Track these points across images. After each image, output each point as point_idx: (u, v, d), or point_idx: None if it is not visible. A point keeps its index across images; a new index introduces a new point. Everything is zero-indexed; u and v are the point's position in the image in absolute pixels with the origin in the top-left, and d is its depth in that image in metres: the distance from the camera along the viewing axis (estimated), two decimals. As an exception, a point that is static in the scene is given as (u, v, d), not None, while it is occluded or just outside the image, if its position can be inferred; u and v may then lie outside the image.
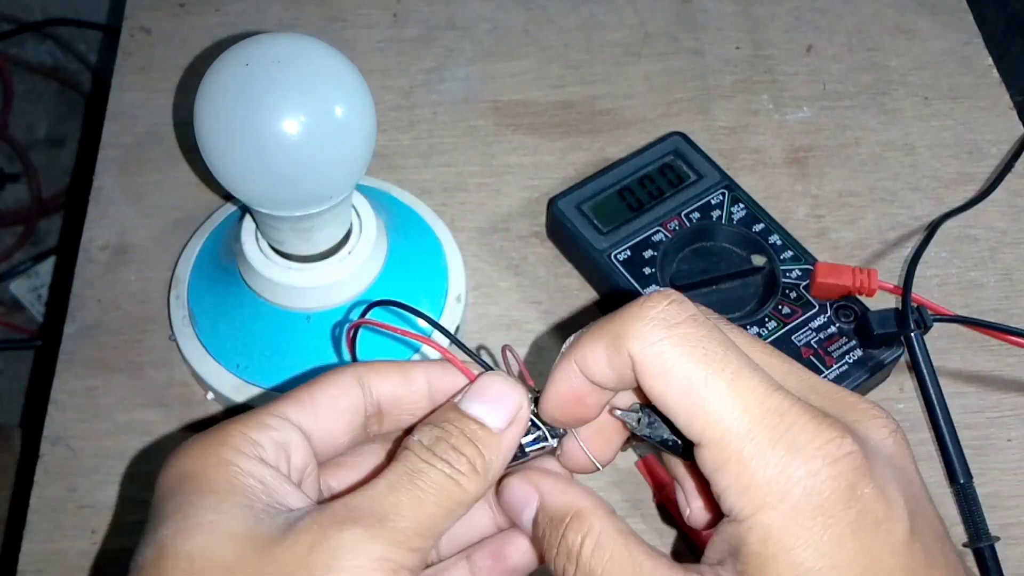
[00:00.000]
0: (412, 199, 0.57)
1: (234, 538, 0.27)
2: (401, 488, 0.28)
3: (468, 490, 0.29)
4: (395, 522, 0.27)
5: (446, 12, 0.66)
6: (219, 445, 0.29)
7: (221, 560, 0.26)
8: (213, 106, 0.41)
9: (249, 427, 0.29)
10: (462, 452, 0.29)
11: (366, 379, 0.32)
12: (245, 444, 0.29)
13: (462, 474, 0.29)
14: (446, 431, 0.30)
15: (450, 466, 0.29)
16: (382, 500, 0.28)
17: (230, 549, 0.26)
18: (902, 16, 0.67)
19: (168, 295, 0.53)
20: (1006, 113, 0.62)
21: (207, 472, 0.28)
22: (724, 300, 0.51)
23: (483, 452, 0.30)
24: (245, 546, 0.27)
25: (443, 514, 0.29)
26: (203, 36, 0.64)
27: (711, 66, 0.64)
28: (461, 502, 0.29)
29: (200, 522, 0.27)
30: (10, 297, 1.15)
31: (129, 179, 0.58)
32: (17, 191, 1.22)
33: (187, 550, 0.27)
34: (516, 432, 0.31)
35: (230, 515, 0.27)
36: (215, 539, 0.27)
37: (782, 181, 0.59)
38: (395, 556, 0.27)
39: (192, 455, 0.29)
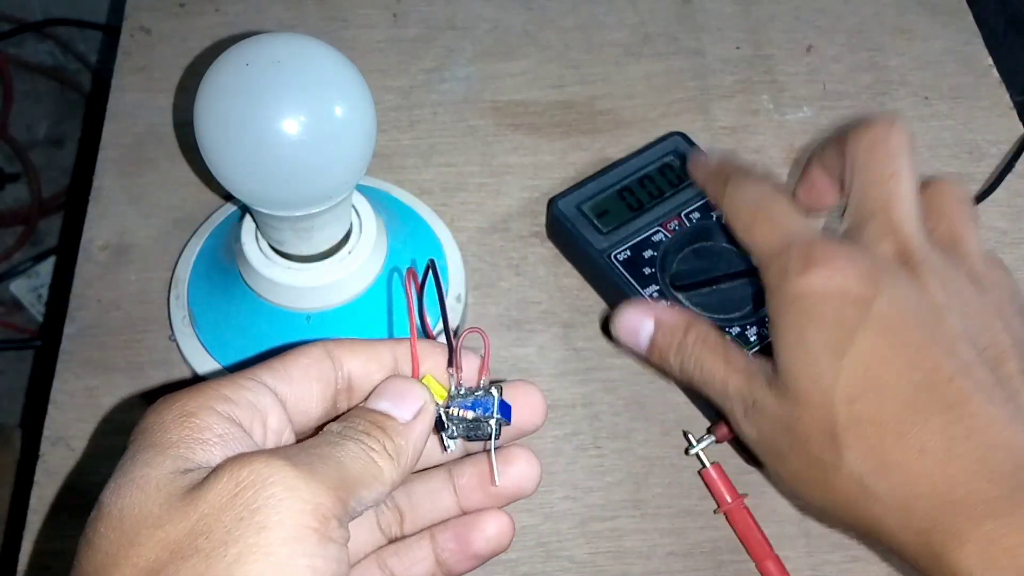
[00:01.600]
0: (412, 199, 0.57)
1: (162, 490, 0.26)
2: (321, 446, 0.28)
3: (382, 467, 0.29)
4: (323, 469, 0.27)
5: (446, 12, 0.66)
6: (188, 399, 0.29)
7: (150, 515, 0.26)
8: (213, 106, 0.41)
9: (223, 385, 0.29)
10: (371, 435, 0.30)
11: (335, 353, 0.32)
12: (216, 400, 0.29)
13: (375, 451, 0.29)
14: (354, 421, 0.30)
15: (363, 442, 0.29)
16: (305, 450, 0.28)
17: (158, 502, 0.26)
18: (902, 16, 0.67)
19: (168, 295, 0.53)
20: (1006, 113, 0.62)
21: (164, 424, 0.28)
22: (724, 300, 0.51)
23: (391, 437, 0.30)
24: (172, 496, 0.26)
25: (362, 481, 0.28)
26: (203, 36, 0.64)
27: (711, 66, 0.64)
28: (376, 477, 0.29)
29: (133, 478, 0.27)
30: (10, 297, 1.15)
31: (129, 179, 0.58)
32: (17, 191, 1.22)
33: (119, 507, 0.26)
34: (424, 424, 0.32)
35: (162, 467, 0.27)
36: (144, 494, 0.26)
37: (782, 181, 0.59)
38: (324, 500, 0.26)
39: (159, 409, 0.29)
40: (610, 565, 0.46)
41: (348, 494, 0.27)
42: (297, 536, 0.25)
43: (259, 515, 0.25)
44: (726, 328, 0.49)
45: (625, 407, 0.50)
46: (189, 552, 0.25)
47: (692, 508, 0.48)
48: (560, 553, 0.47)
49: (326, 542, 0.26)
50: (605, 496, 0.48)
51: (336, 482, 0.27)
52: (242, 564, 0.24)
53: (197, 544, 0.25)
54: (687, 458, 0.49)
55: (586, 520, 0.47)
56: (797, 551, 0.47)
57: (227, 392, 0.29)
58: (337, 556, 0.26)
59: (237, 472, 0.26)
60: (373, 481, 0.29)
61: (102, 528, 0.26)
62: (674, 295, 0.50)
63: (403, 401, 0.31)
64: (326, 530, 0.26)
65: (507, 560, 0.46)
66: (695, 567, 0.46)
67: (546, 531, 0.47)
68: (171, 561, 0.25)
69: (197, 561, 0.24)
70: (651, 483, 0.48)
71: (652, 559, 0.46)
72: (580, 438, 0.50)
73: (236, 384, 0.30)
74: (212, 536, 0.25)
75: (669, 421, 0.50)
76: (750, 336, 0.49)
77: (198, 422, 0.28)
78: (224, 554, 0.24)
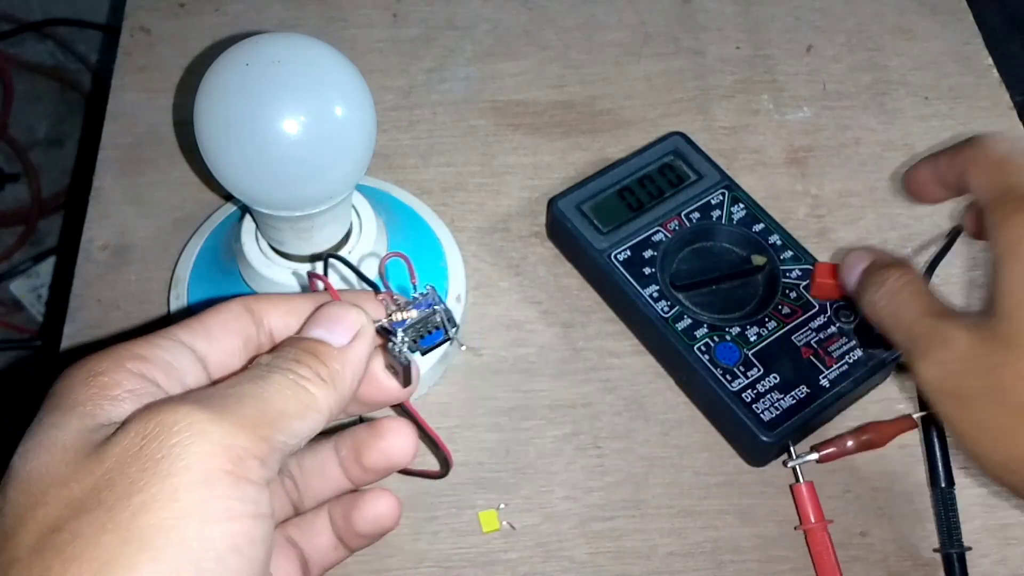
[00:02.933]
0: (412, 199, 0.57)
1: (68, 449, 0.25)
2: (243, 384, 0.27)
3: (315, 394, 0.28)
4: (237, 408, 0.26)
5: (446, 12, 0.66)
6: (99, 360, 0.28)
7: (57, 474, 0.25)
8: (213, 106, 0.41)
9: (136, 344, 0.29)
10: (302, 363, 0.29)
11: (255, 307, 0.32)
12: (127, 358, 0.28)
13: (306, 379, 0.28)
14: (284, 351, 0.29)
15: (293, 372, 0.28)
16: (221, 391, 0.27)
17: (65, 461, 0.25)
18: (902, 16, 0.67)
19: (168, 295, 0.53)
20: (1006, 113, 0.62)
21: (72, 386, 0.27)
22: (724, 300, 0.51)
23: (326, 363, 0.29)
24: (79, 454, 0.25)
25: (292, 412, 0.27)
26: (203, 36, 0.65)
27: (711, 66, 0.64)
28: (310, 406, 0.28)
29: (40, 440, 0.26)
30: (10, 297, 1.15)
31: (129, 179, 0.58)
32: (17, 191, 1.22)
33: (27, 471, 0.25)
34: (362, 347, 0.30)
35: (68, 428, 0.26)
36: (51, 455, 0.25)
37: (782, 181, 0.59)
38: (241, 441, 0.25)
39: (68, 373, 0.28)
40: (610, 565, 0.46)
41: (273, 429, 0.26)
42: (207, 480, 0.24)
43: (164, 463, 0.24)
44: (726, 328, 0.49)
45: (625, 407, 0.50)
46: (92, 506, 0.24)
47: (692, 508, 0.48)
48: (560, 553, 0.47)
49: (242, 483, 0.25)
50: (605, 496, 0.48)
51: (255, 419, 0.26)
52: (146, 512, 0.23)
53: (100, 498, 0.24)
54: (687, 458, 0.49)
55: (586, 520, 0.47)
56: (797, 551, 0.47)
57: (140, 351, 0.28)
58: (255, 497, 0.25)
59: (143, 423, 0.25)
60: (306, 410, 0.28)
61: (10, 492, 0.25)
62: (674, 295, 0.50)
63: (337, 326, 0.30)
64: (242, 471, 0.25)
65: (507, 560, 0.46)
66: (695, 567, 0.46)
67: (546, 531, 0.47)
68: (73, 516, 0.24)
69: (100, 513, 0.23)
70: (651, 483, 0.48)
71: (652, 559, 0.46)
72: (580, 438, 0.50)
73: (150, 343, 0.29)
74: (116, 488, 0.24)
75: (669, 421, 0.50)
76: (750, 336, 0.49)
77: (106, 380, 0.27)
78: (128, 504, 0.23)
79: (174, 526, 0.23)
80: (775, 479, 0.48)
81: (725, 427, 0.49)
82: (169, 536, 0.23)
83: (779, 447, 0.47)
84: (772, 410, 0.47)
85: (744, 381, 0.47)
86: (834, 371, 0.48)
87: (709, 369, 0.48)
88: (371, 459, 0.33)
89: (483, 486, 0.48)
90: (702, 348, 0.49)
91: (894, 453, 0.49)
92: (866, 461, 0.49)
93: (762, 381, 0.47)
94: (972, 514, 0.46)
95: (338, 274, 0.44)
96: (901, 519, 0.47)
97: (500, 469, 0.49)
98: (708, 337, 0.49)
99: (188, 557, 0.23)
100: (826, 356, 0.48)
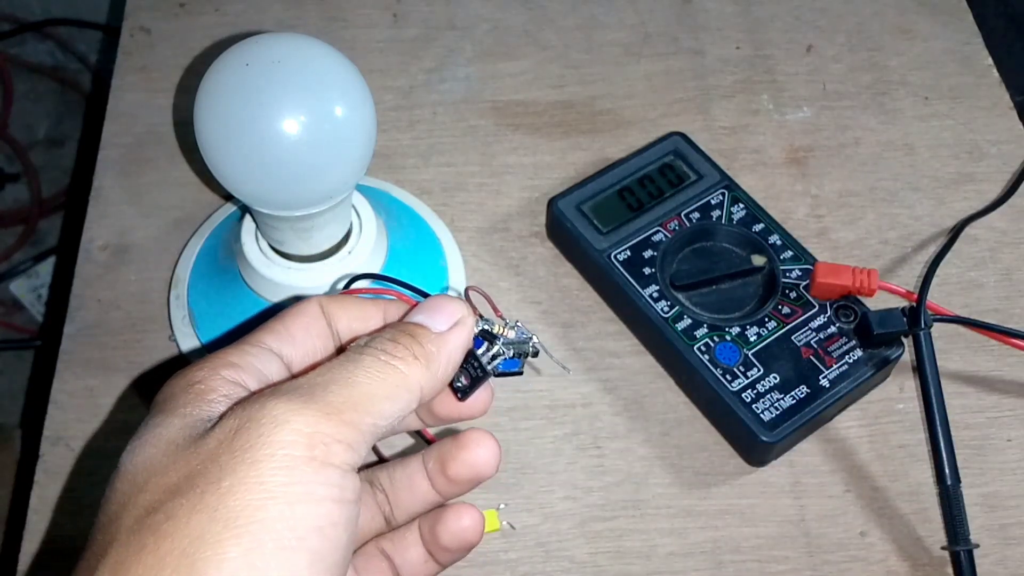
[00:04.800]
0: (412, 199, 0.57)
1: (171, 444, 0.27)
2: (333, 370, 0.28)
3: (407, 373, 0.29)
4: (323, 396, 0.27)
5: (446, 12, 0.66)
6: (197, 369, 0.29)
7: (159, 465, 0.27)
8: (213, 106, 0.41)
9: (229, 353, 0.30)
10: (397, 342, 0.30)
11: (328, 309, 0.33)
12: (221, 367, 0.29)
13: (399, 358, 0.29)
14: (382, 332, 0.30)
15: (385, 352, 0.29)
16: (310, 380, 0.28)
17: (166, 454, 0.27)
18: (902, 16, 0.67)
19: (168, 295, 0.53)
20: (1006, 113, 0.62)
21: (174, 394, 0.29)
22: (724, 300, 0.51)
23: (422, 343, 0.30)
24: (179, 447, 0.27)
25: (381, 394, 0.28)
26: (203, 36, 0.65)
27: (711, 66, 0.64)
28: (401, 385, 0.29)
29: (146, 439, 0.28)
30: (10, 297, 1.15)
31: (129, 179, 0.58)
32: (17, 191, 1.22)
33: (133, 464, 0.27)
34: (461, 334, 0.31)
35: (171, 426, 0.28)
36: (155, 449, 0.27)
37: (782, 181, 0.59)
38: (325, 428, 0.26)
39: (169, 383, 0.30)
40: (610, 565, 0.46)
41: (360, 413, 0.27)
42: (289, 465, 0.25)
43: (250, 452, 0.25)
44: (726, 328, 0.49)
45: (625, 407, 0.50)
46: (186, 490, 0.25)
47: (692, 508, 0.48)
48: (560, 553, 0.47)
49: (325, 468, 0.26)
50: (605, 496, 0.48)
51: (340, 405, 0.27)
52: (234, 495, 0.25)
53: (194, 483, 0.25)
54: (687, 458, 0.49)
55: (586, 520, 0.47)
56: (797, 551, 0.47)
57: (233, 359, 0.30)
58: (339, 482, 0.26)
59: (235, 418, 0.26)
60: (396, 390, 0.29)
61: (117, 484, 0.27)
62: (674, 295, 0.50)
63: (439, 314, 0.31)
64: (325, 456, 0.26)
65: (507, 560, 0.46)
66: (695, 567, 0.46)
67: (546, 531, 0.47)
68: (168, 499, 0.25)
69: (192, 496, 0.25)
70: (651, 483, 0.48)
71: (652, 559, 0.46)
72: (580, 438, 0.50)
73: (240, 350, 0.30)
74: (208, 475, 0.25)
75: (669, 421, 0.50)
76: (750, 336, 0.49)
77: (203, 387, 0.29)
78: (217, 488, 0.25)
79: (259, 507, 0.25)
80: (775, 479, 0.48)
81: (725, 427, 0.49)
82: (253, 516, 0.25)
83: (779, 447, 0.47)
84: (772, 410, 0.47)
85: (744, 381, 0.47)
86: (834, 371, 0.48)
87: (709, 369, 0.48)
88: (455, 470, 0.34)
89: (483, 486, 0.48)
90: (702, 348, 0.49)
91: (894, 453, 0.49)
92: (866, 461, 0.49)
93: (762, 381, 0.47)
94: (972, 514, 0.46)
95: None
96: (901, 519, 0.47)
97: (500, 469, 0.48)
98: (708, 337, 0.49)
99: (270, 535, 0.24)
100: (826, 356, 0.48)
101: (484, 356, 0.33)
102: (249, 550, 0.24)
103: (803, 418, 0.47)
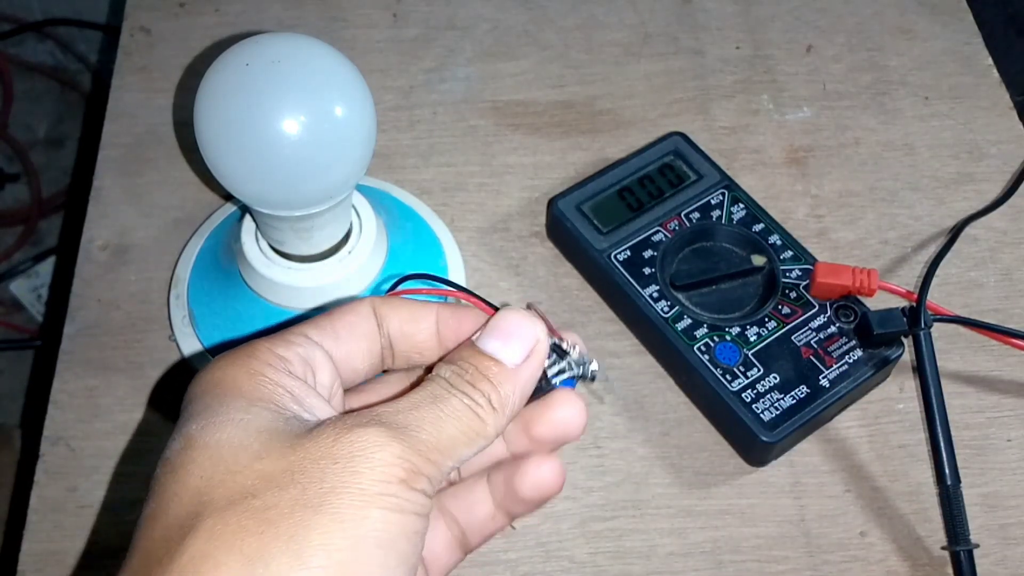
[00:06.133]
0: (412, 199, 0.57)
1: (262, 432, 0.28)
2: (423, 407, 0.29)
3: (486, 422, 0.30)
4: (416, 432, 0.28)
5: (446, 12, 0.66)
6: (247, 358, 0.30)
7: (250, 447, 0.27)
8: (213, 106, 0.41)
9: (275, 344, 0.31)
10: (478, 387, 0.30)
11: (379, 310, 0.33)
12: (272, 358, 0.30)
13: (480, 407, 0.30)
14: (462, 368, 0.31)
15: (469, 397, 0.30)
16: (405, 414, 0.29)
17: (259, 440, 0.28)
18: (902, 16, 0.67)
19: (168, 295, 0.53)
20: (1006, 113, 0.62)
21: (237, 380, 0.29)
22: (724, 300, 0.51)
23: (498, 388, 0.31)
24: (273, 438, 0.28)
25: (463, 440, 0.29)
26: (203, 36, 0.65)
27: (711, 66, 0.64)
28: (480, 433, 0.30)
29: (230, 418, 0.28)
30: (10, 297, 1.15)
31: (129, 179, 0.58)
32: (17, 191, 1.22)
33: (216, 439, 0.28)
34: (533, 366, 0.32)
35: (259, 416, 0.28)
36: (244, 432, 0.28)
37: (782, 181, 0.59)
38: (414, 460, 0.28)
39: (222, 366, 0.30)
40: (610, 565, 0.46)
41: (443, 456, 0.29)
42: (386, 479, 0.27)
43: (352, 462, 0.27)
44: (726, 328, 0.49)
45: (625, 407, 0.50)
46: (286, 483, 0.27)
47: (692, 508, 0.48)
48: (560, 553, 0.47)
49: (411, 491, 0.27)
50: (605, 496, 0.48)
51: (429, 445, 0.28)
52: (336, 495, 0.26)
53: (295, 478, 0.27)
54: (687, 458, 0.49)
55: (586, 520, 0.47)
56: (797, 551, 0.47)
57: (281, 351, 0.30)
58: (420, 505, 0.28)
59: (336, 430, 0.28)
60: (476, 438, 0.30)
61: (195, 455, 0.28)
62: (674, 295, 0.50)
63: (513, 340, 0.32)
64: (413, 481, 0.28)
65: (507, 560, 0.46)
66: (695, 567, 0.46)
67: (546, 531, 0.47)
68: (268, 489, 0.26)
69: (293, 490, 0.26)
70: (651, 483, 0.48)
71: (652, 559, 0.46)
72: (580, 438, 0.49)
73: (287, 341, 0.31)
74: (309, 473, 0.27)
75: (669, 421, 0.50)
76: (750, 336, 0.49)
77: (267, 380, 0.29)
78: (320, 487, 0.26)
79: (361, 507, 0.26)
80: (775, 479, 0.48)
81: (725, 427, 0.49)
82: (356, 515, 0.26)
83: (779, 447, 0.47)
84: (772, 410, 0.47)
85: (744, 381, 0.47)
86: (834, 371, 0.48)
87: (709, 369, 0.48)
88: (540, 430, 0.34)
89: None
90: (702, 348, 0.49)
91: (894, 453, 0.49)
92: (866, 461, 0.49)
93: (762, 381, 0.47)
94: (972, 514, 0.46)
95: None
96: (901, 519, 0.47)
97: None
98: (708, 337, 0.49)
99: (370, 535, 0.26)
100: (826, 356, 0.48)
101: (551, 369, 0.33)
102: (351, 545, 0.26)
103: (803, 418, 0.47)
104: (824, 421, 0.49)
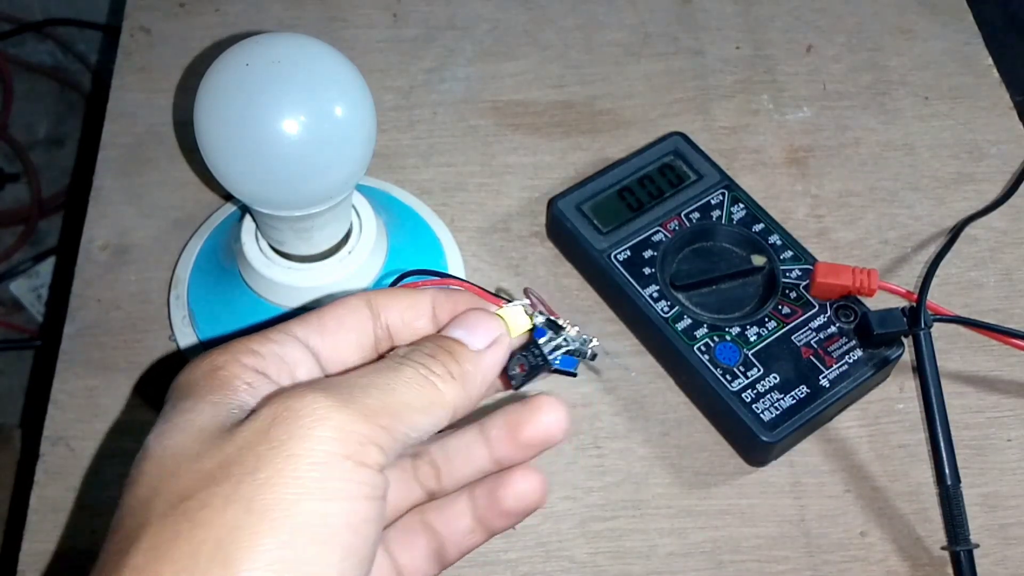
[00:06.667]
0: (412, 199, 0.57)
1: (203, 430, 0.27)
2: (371, 375, 0.29)
3: (443, 392, 0.30)
4: (363, 397, 0.28)
5: (446, 12, 0.66)
6: (217, 355, 0.30)
7: (190, 451, 0.27)
8: (213, 106, 0.41)
9: (252, 339, 0.30)
10: (436, 358, 0.30)
11: (375, 302, 0.33)
12: (242, 353, 0.30)
13: (436, 375, 0.30)
14: (421, 345, 0.31)
15: (424, 367, 0.30)
16: (350, 381, 0.28)
17: (199, 440, 0.27)
18: (902, 16, 0.67)
19: (168, 295, 0.53)
20: (1006, 113, 0.62)
21: (194, 379, 0.29)
22: (724, 300, 0.51)
23: (458, 361, 0.30)
24: (212, 434, 0.27)
25: (417, 406, 0.29)
26: (203, 36, 0.65)
27: (711, 66, 0.64)
28: (436, 402, 0.29)
29: (176, 423, 0.28)
30: (10, 297, 1.15)
31: (129, 179, 0.58)
32: (17, 191, 1.22)
33: (162, 448, 0.27)
34: (497, 355, 0.32)
35: (203, 413, 0.28)
36: (186, 435, 0.27)
37: (782, 181, 0.59)
38: (362, 429, 0.27)
39: (189, 368, 0.30)
40: (610, 565, 0.46)
41: (395, 420, 0.28)
42: (326, 462, 0.26)
43: (288, 445, 0.26)
44: (726, 328, 0.49)
45: (625, 407, 0.50)
46: (221, 479, 0.26)
47: (692, 508, 0.48)
48: (560, 553, 0.47)
49: (359, 468, 0.26)
50: (605, 496, 0.48)
51: (378, 409, 0.27)
52: (271, 487, 0.25)
53: (229, 472, 0.26)
54: (687, 458, 0.49)
55: (586, 520, 0.47)
56: (797, 551, 0.47)
57: (254, 346, 0.30)
58: (371, 480, 0.27)
59: (273, 408, 0.27)
60: (431, 406, 0.29)
61: (145, 466, 0.27)
62: (674, 295, 0.50)
63: (478, 330, 0.32)
64: (360, 456, 0.26)
65: (507, 560, 0.46)
66: (695, 567, 0.46)
67: (546, 531, 0.47)
68: (203, 487, 0.26)
69: (227, 486, 0.25)
70: (651, 483, 0.48)
71: (652, 559, 0.46)
72: (580, 438, 0.50)
73: (265, 337, 0.31)
74: (244, 464, 0.26)
75: (669, 421, 0.50)
76: (750, 336, 0.49)
77: (225, 374, 0.29)
78: (253, 479, 0.25)
79: (294, 501, 0.25)
80: (775, 479, 0.48)
81: (725, 427, 0.49)
82: (289, 510, 0.25)
83: (779, 447, 0.47)
84: (772, 410, 0.47)
85: (744, 381, 0.47)
86: (834, 371, 0.48)
87: (709, 369, 0.48)
88: (527, 434, 0.34)
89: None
90: (702, 348, 0.49)
91: (894, 453, 0.49)
92: (866, 461, 0.49)
93: (762, 381, 0.47)
94: (972, 514, 0.46)
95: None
96: (901, 519, 0.47)
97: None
98: (708, 337, 0.49)
99: (304, 530, 0.25)
100: (826, 356, 0.48)
101: (547, 345, 0.33)
102: (284, 543, 0.25)
103: (803, 418, 0.47)
104: (824, 421, 0.49)
